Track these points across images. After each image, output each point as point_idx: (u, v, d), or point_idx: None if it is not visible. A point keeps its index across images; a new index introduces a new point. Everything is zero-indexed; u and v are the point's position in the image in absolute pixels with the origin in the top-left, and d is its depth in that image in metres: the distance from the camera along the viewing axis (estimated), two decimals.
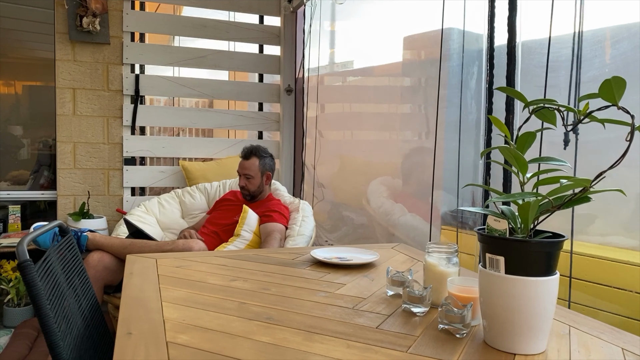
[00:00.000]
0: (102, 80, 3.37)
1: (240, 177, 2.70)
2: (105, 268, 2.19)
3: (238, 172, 2.72)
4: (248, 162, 2.68)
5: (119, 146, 3.43)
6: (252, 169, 2.67)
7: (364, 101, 3.20)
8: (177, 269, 1.46)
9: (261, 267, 1.51)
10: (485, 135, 1.91)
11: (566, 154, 1.57)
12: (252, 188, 2.68)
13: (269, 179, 2.77)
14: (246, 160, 2.70)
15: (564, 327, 1.05)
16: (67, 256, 1.42)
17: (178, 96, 3.85)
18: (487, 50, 1.90)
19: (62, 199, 3.33)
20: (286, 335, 0.96)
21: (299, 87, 3.76)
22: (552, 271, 0.89)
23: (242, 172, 2.69)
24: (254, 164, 2.68)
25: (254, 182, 2.68)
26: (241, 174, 2.69)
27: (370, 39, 3.02)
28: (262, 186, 2.72)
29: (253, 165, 2.67)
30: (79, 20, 3.20)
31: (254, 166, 2.67)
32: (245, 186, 2.68)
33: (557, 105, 0.91)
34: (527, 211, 0.88)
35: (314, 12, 3.51)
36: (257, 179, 2.68)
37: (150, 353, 0.86)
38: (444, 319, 1.00)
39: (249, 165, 2.68)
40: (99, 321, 1.47)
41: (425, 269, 1.21)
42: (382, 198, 2.81)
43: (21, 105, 4.68)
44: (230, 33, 3.67)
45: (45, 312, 1.06)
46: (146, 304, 1.13)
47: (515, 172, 0.94)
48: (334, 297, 1.23)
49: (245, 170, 2.68)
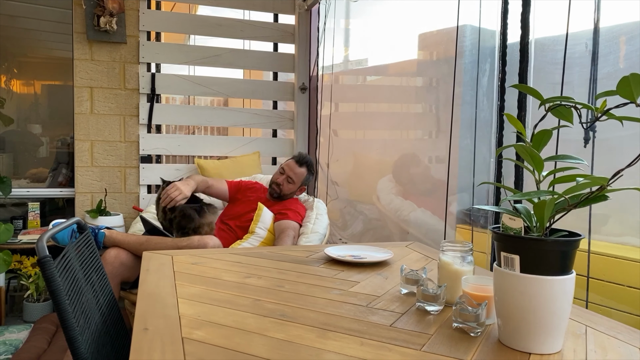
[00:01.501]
0: (119, 79, 3.41)
1: (283, 175, 2.72)
2: (122, 264, 2.22)
3: (283, 168, 2.74)
4: (298, 169, 2.73)
5: (135, 144, 3.47)
6: (298, 175, 2.72)
7: (378, 99, 3.20)
8: (193, 265, 1.48)
9: (275, 265, 1.52)
10: (497, 133, 1.90)
11: (583, 152, 1.55)
12: (285, 191, 2.72)
13: (301, 192, 2.83)
14: (298, 166, 2.73)
15: (580, 327, 1.04)
16: (85, 253, 1.44)
17: (193, 95, 3.89)
18: (500, 47, 1.88)
19: (79, 196, 3.38)
20: (300, 332, 0.97)
21: (313, 86, 3.76)
22: (568, 270, 0.88)
23: (287, 173, 2.72)
24: (302, 173, 2.73)
25: (291, 187, 2.72)
26: (285, 174, 2.72)
27: (384, 37, 3.01)
28: (292, 194, 2.77)
29: (301, 174, 2.72)
30: (97, 20, 3.24)
31: (301, 175, 2.72)
32: (281, 185, 2.71)
33: (574, 103, 0.90)
34: (543, 209, 0.87)
35: (329, 10, 3.51)
36: (295, 187, 2.74)
37: (166, 348, 0.87)
38: (458, 318, 1.00)
39: (298, 171, 2.72)
40: (116, 317, 1.49)
41: (439, 267, 1.20)
42: (392, 195, 2.81)
43: (40, 104, 4.75)
44: (245, 31, 3.68)
45: (64, 307, 1.07)
46: (162, 300, 1.14)
47: (531, 170, 0.93)
48: (347, 294, 1.23)
49: (291, 173, 2.71)
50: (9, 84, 4.60)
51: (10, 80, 4.62)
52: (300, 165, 2.73)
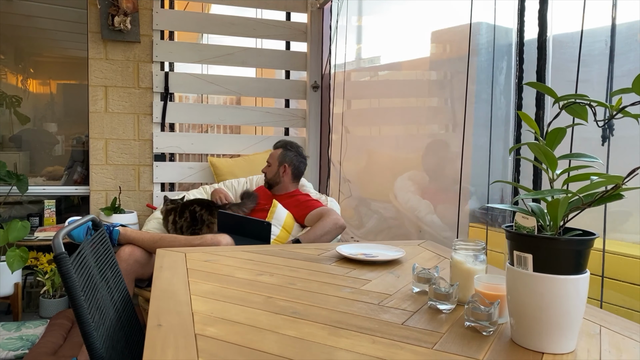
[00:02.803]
0: (133, 78, 3.44)
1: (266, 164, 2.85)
2: (136, 262, 2.24)
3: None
4: (273, 151, 2.86)
5: (149, 142, 3.50)
6: (272, 156, 2.82)
7: (391, 96, 3.19)
8: (206, 263, 1.49)
9: (287, 262, 1.53)
10: (515, 132, 1.88)
11: (600, 150, 1.53)
12: (268, 175, 2.81)
13: (285, 171, 2.79)
14: (274, 149, 2.87)
15: (594, 327, 1.03)
16: (99, 250, 1.46)
17: (206, 93, 3.91)
18: (517, 44, 1.86)
19: (94, 194, 3.42)
20: (312, 330, 0.97)
21: (326, 84, 3.76)
22: (582, 270, 0.88)
23: (267, 159, 2.85)
24: (276, 153, 2.83)
25: (271, 169, 2.80)
26: (266, 161, 2.85)
27: (397, 34, 3.00)
28: (278, 176, 2.78)
29: (275, 154, 2.82)
30: (111, 19, 3.28)
31: (275, 154, 2.82)
32: (265, 172, 2.83)
33: (589, 101, 0.89)
34: (557, 208, 0.87)
35: (341, 7, 3.50)
36: (274, 167, 2.79)
37: (179, 344, 0.88)
38: (470, 317, 0.99)
39: (272, 153, 2.84)
40: (130, 313, 1.51)
41: (452, 266, 1.20)
42: (409, 193, 2.80)
43: (56, 103, 4.82)
44: (257, 30, 3.69)
45: (80, 303, 1.09)
46: (175, 296, 1.15)
47: (545, 168, 0.93)
48: (359, 293, 1.23)
49: (268, 158, 2.84)
50: (25, 83, 4.67)
51: (26, 79, 4.69)
52: (275, 147, 2.88)
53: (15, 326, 2.81)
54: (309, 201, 2.66)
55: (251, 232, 2.35)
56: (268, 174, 2.81)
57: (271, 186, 2.80)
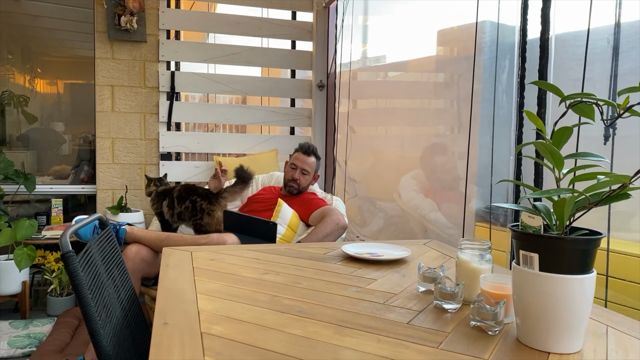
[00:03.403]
0: (139, 78, 3.46)
1: (297, 170, 2.72)
2: (142, 260, 2.25)
3: (295, 164, 2.73)
4: (308, 159, 2.73)
5: (155, 142, 3.51)
6: (311, 165, 2.73)
7: (397, 96, 3.18)
8: (212, 261, 1.50)
9: (293, 261, 1.53)
10: (516, 131, 1.87)
11: (603, 150, 1.52)
12: (304, 184, 2.73)
13: (315, 180, 2.84)
14: (307, 156, 2.74)
15: (600, 327, 1.02)
16: (106, 248, 1.47)
17: (212, 92, 3.92)
18: (520, 43, 1.86)
19: (101, 192, 3.44)
20: (317, 329, 0.97)
21: (331, 83, 3.76)
22: (589, 269, 0.87)
23: (300, 166, 2.72)
24: (313, 162, 2.74)
25: (308, 178, 2.74)
26: (299, 167, 2.72)
27: (403, 33, 3.00)
28: (309, 185, 2.79)
29: (313, 163, 2.74)
30: (117, 19, 3.29)
31: (312, 163, 2.73)
32: (298, 180, 2.71)
33: (596, 99, 0.88)
34: (563, 207, 0.86)
35: (347, 7, 3.50)
36: (311, 177, 2.75)
37: (185, 343, 0.89)
38: (476, 316, 0.99)
39: (309, 161, 2.73)
40: (136, 311, 1.52)
41: (457, 265, 1.20)
42: (413, 192, 2.79)
43: (63, 102, 4.85)
44: (263, 29, 3.70)
45: (87, 301, 1.10)
46: (181, 295, 1.16)
47: (551, 167, 0.92)
48: (364, 292, 1.23)
49: (304, 165, 2.72)
50: (33, 83, 4.70)
51: (33, 79, 4.72)
52: (309, 155, 2.75)
53: (23, 324, 2.84)
54: (314, 200, 2.66)
55: (257, 231, 2.35)
56: (303, 183, 2.72)
57: (300, 193, 2.75)
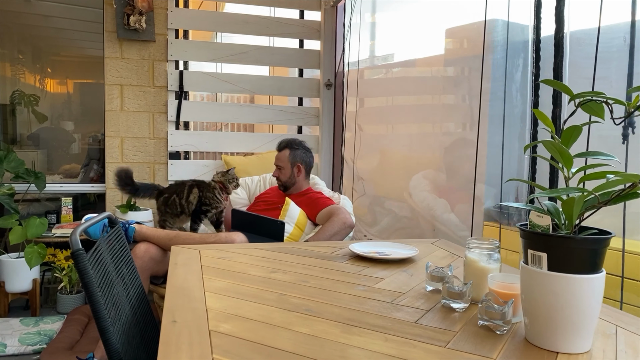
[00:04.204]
0: (148, 77, 3.48)
1: (275, 169, 2.80)
2: (151, 259, 2.26)
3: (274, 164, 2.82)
4: (280, 154, 2.80)
5: (164, 141, 3.53)
6: (282, 159, 2.77)
7: (405, 95, 3.17)
8: (220, 260, 1.50)
9: (300, 260, 1.53)
10: (531, 129, 1.86)
11: (619, 149, 1.51)
12: (283, 178, 2.77)
13: (299, 170, 2.79)
14: (279, 151, 2.81)
15: (610, 327, 1.02)
16: (115, 247, 1.48)
17: (220, 92, 3.93)
18: (533, 41, 1.84)
19: (110, 191, 3.46)
20: (325, 327, 0.98)
21: (339, 82, 3.76)
22: (598, 269, 0.87)
23: (275, 163, 2.80)
24: (284, 155, 2.77)
25: (285, 172, 2.76)
26: (275, 165, 2.80)
27: (411, 32, 2.99)
28: (293, 177, 2.77)
29: (283, 156, 2.77)
30: (126, 18, 3.31)
31: (284, 157, 2.77)
32: (277, 176, 2.79)
33: (605, 98, 0.88)
34: (572, 207, 0.86)
35: (354, 5, 3.49)
36: (287, 170, 2.76)
37: (193, 341, 0.89)
38: (484, 315, 0.99)
39: (280, 156, 2.79)
40: (145, 309, 1.53)
41: (465, 264, 1.19)
42: (425, 192, 2.78)
43: (72, 102, 4.89)
44: (271, 28, 3.70)
45: (96, 298, 1.11)
46: (190, 293, 1.17)
47: (560, 167, 0.92)
48: (372, 291, 1.23)
49: (277, 161, 2.79)
50: (43, 82, 4.74)
51: (44, 78, 4.76)
52: (280, 149, 2.81)
53: (33, 321, 2.87)
54: (321, 199, 2.67)
55: (265, 230, 2.36)
56: (282, 177, 2.76)
57: (287, 188, 2.77)
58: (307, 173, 2.83)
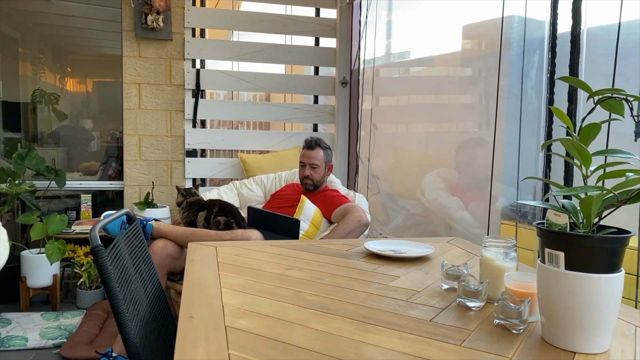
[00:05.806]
0: (165, 76, 3.51)
1: (305, 167, 2.74)
2: (168, 255, 2.29)
3: (303, 162, 2.75)
4: (314, 152, 2.74)
5: (181, 139, 3.56)
6: (318, 158, 2.73)
7: (421, 93, 3.16)
8: (236, 257, 1.52)
9: (315, 257, 1.54)
10: (546, 127, 1.84)
11: (632, 147, 1.48)
12: (317, 178, 2.73)
13: (330, 170, 2.82)
14: (311, 150, 2.75)
15: (629, 327, 1.00)
16: (133, 243, 1.50)
17: (237, 90, 3.95)
18: (549, 38, 1.82)
19: (128, 189, 3.51)
20: (340, 325, 0.98)
21: (354, 80, 3.75)
22: (617, 268, 0.86)
23: (308, 162, 2.73)
24: (320, 154, 2.74)
25: (319, 172, 2.74)
26: (307, 164, 2.74)
27: (427, 29, 2.97)
28: (324, 177, 2.78)
29: (319, 155, 2.74)
30: (144, 17, 3.35)
31: (319, 156, 2.74)
32: (310, 175, 2.73)
33: (625, 95, 0.86)
34: (590, 205, 0.85)
35: (370, 3, 3.48)
36: (322, 169, 2.75)
37: (210, 336, 0.90)
38: (500, 314, 0.98)
39: (315, 155, 2.73)
40: (162, 305, 1.55)
41: (481, 263, 1.19)
42: (438, 190, 2.77)
43: (91, 100, 4.96)
44: (287, 27, 3.71)
45: (115, 294, 1.13)
46: (206, 289, 1.18)
47: (578, 165, 0.91)
48: (387, 289, 1.23)
49: (311, 160, 2.73)
50: (63, 81, 4.82)
51: (64, 77, 4.84)
52: (313, 148, 2.75)
53: (53, 316, 2.92)
54: (336, 197, 2.67)
55: (280, 228, 2.37)
56: (316, 177, 2.72)
57: (317, 187, 2.76)
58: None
